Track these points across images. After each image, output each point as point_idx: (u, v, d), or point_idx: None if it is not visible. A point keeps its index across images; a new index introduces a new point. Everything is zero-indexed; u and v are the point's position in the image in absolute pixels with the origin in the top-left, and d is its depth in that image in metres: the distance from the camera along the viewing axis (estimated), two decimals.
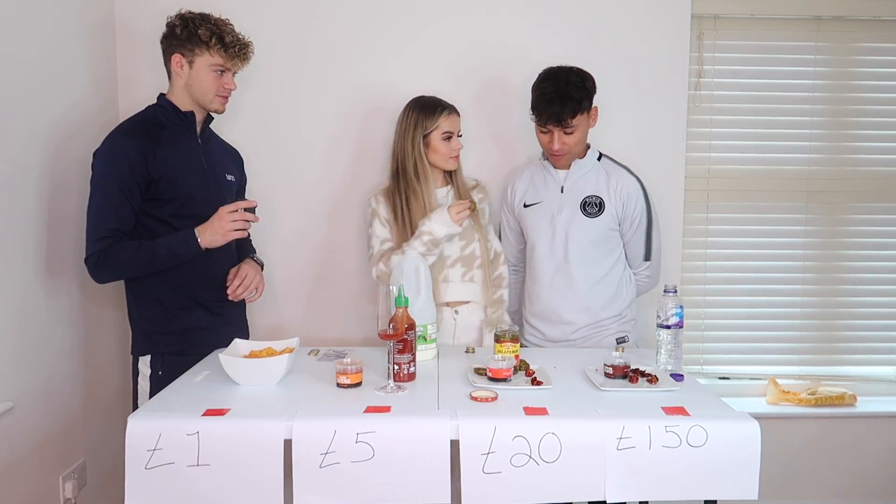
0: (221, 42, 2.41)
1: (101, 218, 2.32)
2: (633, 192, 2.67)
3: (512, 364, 2.15)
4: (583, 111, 2.58)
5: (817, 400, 3.21)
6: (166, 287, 2.43)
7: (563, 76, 2.59)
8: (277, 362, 2.11)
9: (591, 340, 2.69)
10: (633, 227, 2.69)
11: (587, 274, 2.68)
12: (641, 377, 2.13)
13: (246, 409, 1.90)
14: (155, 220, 2.39)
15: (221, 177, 2.59)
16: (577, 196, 2.68)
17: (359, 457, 1.77)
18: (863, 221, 3.27)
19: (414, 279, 2.41)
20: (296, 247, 3.07)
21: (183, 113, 2.47)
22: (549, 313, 2.74)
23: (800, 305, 3.28)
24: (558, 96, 2.55)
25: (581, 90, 2.56)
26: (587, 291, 2.68)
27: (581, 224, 2.66)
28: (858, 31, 3.16)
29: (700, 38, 3.12)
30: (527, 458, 1.78)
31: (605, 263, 2.69)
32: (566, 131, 2.59)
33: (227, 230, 2.35)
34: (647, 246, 2.72)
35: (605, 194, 2.66)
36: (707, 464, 1.80)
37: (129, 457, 1.77)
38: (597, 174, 2.70)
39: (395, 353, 2.12)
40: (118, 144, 2.35)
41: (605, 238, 2.68)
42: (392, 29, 3.00)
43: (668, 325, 2.25)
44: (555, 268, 2.71)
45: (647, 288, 2.84)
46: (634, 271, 2.77)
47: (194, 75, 2.43)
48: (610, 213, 2.66)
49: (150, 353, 2.45)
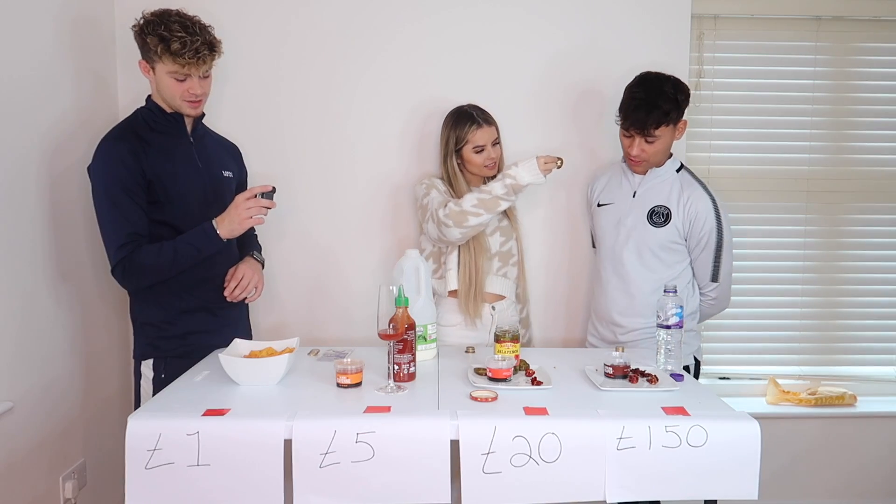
0: (168, 51, 2.28)
1: (115, 226, 2.29)
2: (703, 211, 2.60)
3: (512, 364, 2.15)
4: (668, 123, 2.54)
5: (817, 400, 3.21)
6: (168, 290, 2.41)
7: (657, 84, 2.56)
8: (277, 362, 2.11)
9: (642, 345, 2.66)
10: (699, 245, 2.63)
11: (644, 281, 2.66)
12: (641, 377, 2.14)
13: (246, 409, 1.91)
14: (157, 223, 2.36)
15: (218, 174, 2.56)
16: (647, 204, 2.66)
17: (359, 457, 1.77)
18: (863, 221, 3.27)
19: (414, 279, 2.41)
20: (297, 247, 3.07)
21: (169, 114, 2.43)
22: (604, 314, 2.75)
23: (800, 305, 3.28)
24: (646, 103, 2.52)
25: (671, 101, 2.53)
26: (642, 298, 2.66)
27: (646, 232, 2.64)
28: (858, 31, 3.16)
29: (700, 38, 3.12)
30: (527, 458, 1.78)
31: (666, 273, 2.65)
32: (647, 140, 2.56)
33: (243, 218, 2.32)
34: (714, 267, 2.65)
35: (673, 206, 2.62)
36: (707, 464, 1.80)
37: (129, 457, 1.77)
38: (671, 185, 2.66)
39: (395, 353, 2.12)
40: (110, 150, 2.32)
41: (667, 249, 2.64)
42: (398, 30, 3.00)
43: (668, 325, 2.25)
44: (613, 270, 2.71)
45: (713, 311, 2.80)
46: (701, 292, 2.72)
47: (159, 81, 2.36)
48: (675, 226, 2.62)
49: (153, 357, 2.44)
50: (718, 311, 2.83)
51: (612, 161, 2.94)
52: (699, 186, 2.66)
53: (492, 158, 2.71)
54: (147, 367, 2.44)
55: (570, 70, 2.99)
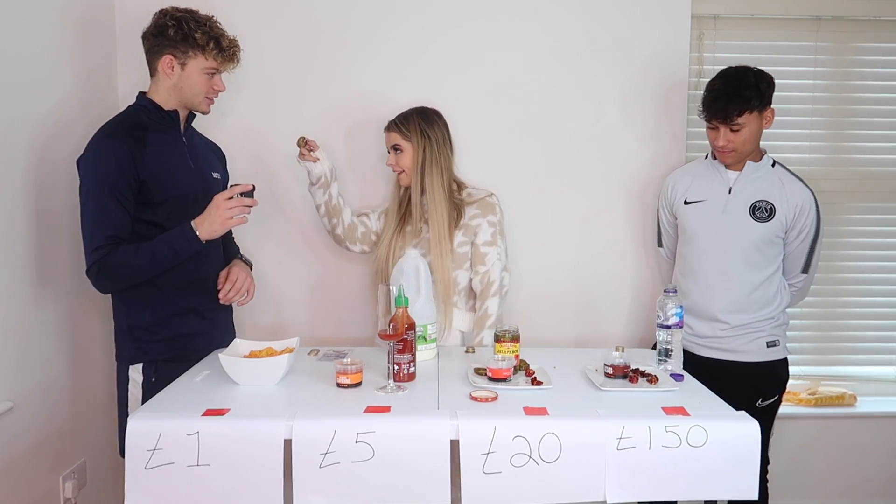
0: (218, 46, 2.35)
1: (96, 227, 2.23)
2: (807, 203, 2.61)
3: (512, 364, 2.15)
4: (751, 110, 2.54)
5: (817, 400, 3.21)
6: (157, 293, 2.36)
7: (738, 75, 2.59)
8: (277, 362, 2.11)
9: (739, 340, 2.67)
10: (799, 237, 2.64)
11: (747, 277, 2.64)
12: (641, 377, 2.14)
13: (246, 409, 1.90)
14: (146, 224, 2.31)
15: (208, 175, 2.53)
16: (747, 199, 2.65)
17: (359, 457, 1.77)
18: (863, 221, 3.27)
19: (414, 279, 2.41)
20: (297, 247, 3.07)
21: (167, 112, 2.39)
22: (702, 311, 2.72)
23: (800, 305, 3.26)
24: (726, 93, 2.54)
25: (752, 89, 2.54)
26: (746, 294, 2.65)
27: (748, 227, 2.62)
28: (858, 31, 3.16)
29: (700, 38, 3.12)
30: (527, 458, 1.78)
31: (768, 269, 2.65)
32: (732, 128, 2.56)
33: (225, 218, 2.29)
34: (808, 258, 2.67)
35: (777, 201, 2.62)
36: (707, 464, 1.80)
37: (128, 457, 1.77)
38: (770, 180, 2.66)
39: (395, 353, 2.12)
40: (104, 148, 2.26)
41: (769, 243, 2.63)
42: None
43: (668, 325, 2.25)
44: (713, 267, 2.68)
45: (795, 301, 2.81)
46: (790, 282, 2.73)
47: (186, 77, 2.36)
48: (780, 220, 2.61)
49: (143, 361, 2.38)
50: (798, 302, 2.85)
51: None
52: (798, 181, 2.67)
53: (391, 163, 2.72)
54: (136, 371, 2.38)
55: (569, 71, 2.99)
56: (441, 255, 2.62)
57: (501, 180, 2.95)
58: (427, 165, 2.66)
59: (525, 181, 3.05)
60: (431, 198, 2.66)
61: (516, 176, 3.04)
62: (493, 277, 2.67)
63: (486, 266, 2.67)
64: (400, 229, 2.75)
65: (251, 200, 2.32)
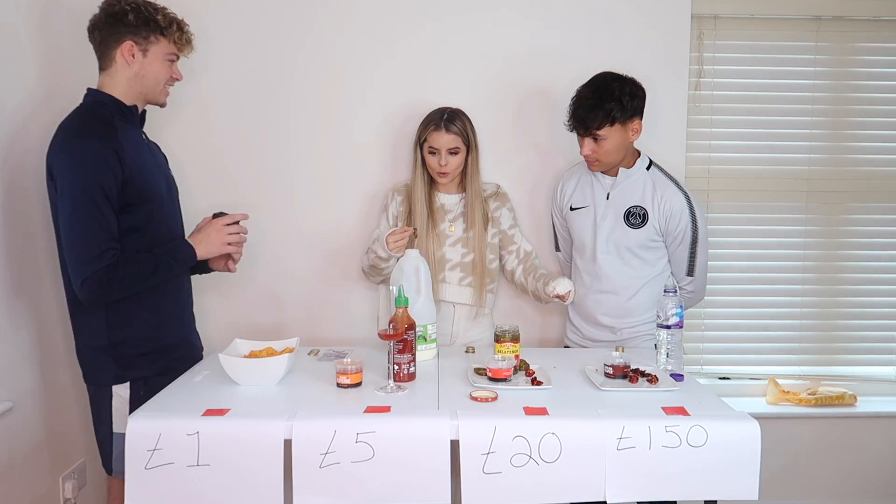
0: (180, 28, 2.26)
1: (92, 235, 2.07)
2: (678, 209, 2.60)
3: (512, 364, 2.16)
4: (612, 122, 2.52)
5: (817, 400, 3.21)
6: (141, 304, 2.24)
7: (603, 85, 2.55)
8: (277, 362, 2.12)
9: (630, 343, 2.67)
10: (675, 241, 2.64)
11: (628, 281, 2.66)
12: (641, 377, 2.14)
13: (246, 409, 1.91)
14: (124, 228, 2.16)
15: (169, 176, 2.44)
16: (622, 205, 2.65)
17: (359, 457, 1.77)
18: (863, 221, 3.26)
19: (414, 279, 2.42)
20: (296, 246, 3.06)
21: (128, 108, 2.25)
22: (589, 315, 2.74)
23: (800, 305, 3.27)
24: (588, 104, 2.53)
25: (615, 102, 2.51)
26: (627, 298, 2.66)
27: (624, 233, 2.64)
28: (858, 31, 3.15)
29: (700, 38, 3.12)
30: (527, 458, 1.78)
31: (648, 272, 2.67)
32: (595, 140, 2.56)
33: (223, 242, 2.30)
34: (690, 261, 2.67)
35: (649, 206, 2.62)
36: (707, 464, 1.80)
37: (128, 457, 1.78)
38: (643, 184, 2.65)
39: (395, 353, 2.12)
40: (86, 150, 2.09)
41: (647, 248, 2.65)
42: (386, 33, 2.99)
43: (668, 325, 2.26)
44: (595, 273, 2.70)
45: (690, 304, 2.80)
46: (679, 286, 2.68)
47: (148, 65, 2.23)
48: (653, 225, 2.62)
49: (130, 380, 2.23)
50: (694, 304, 2.85)
51: None
52: (671, 183, 2.66)
53: (442, 165, 2.70)
54: (123, 388, 2.23)
55: (569, 71, 2.99)
56: (481, 250, 2.76)
57: (501, 180, 2.96)
58: (471, 167, 2.77)
59: (525, 179, 3.06)
60: (475, 198, 2.77)
61: (517, 175, 3.04)
62: (528, 248, 2.88)
63: (517, 244, 2.86)
64: (431, 231, 2.76)
65: (245, 229, 2.36)
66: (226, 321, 3.00)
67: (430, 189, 2.80)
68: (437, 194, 2.80)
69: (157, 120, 2.57)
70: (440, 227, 2.77)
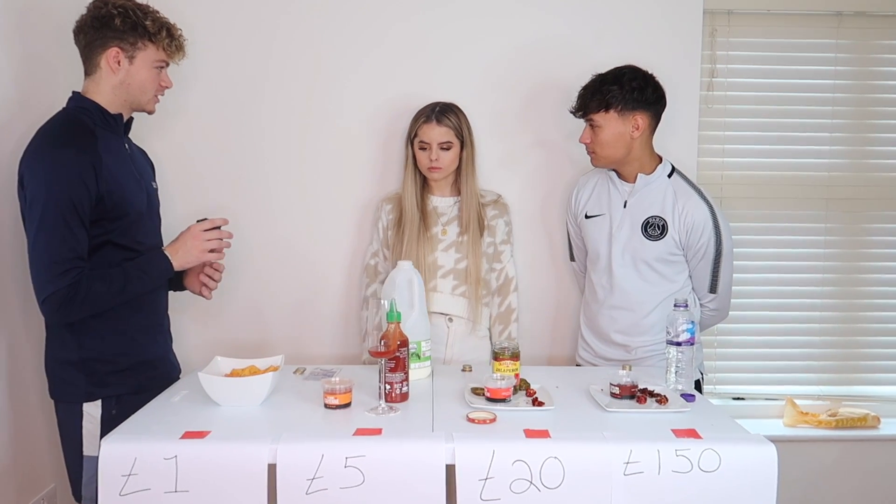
0: (170, 34, 2.28)
1: (59, 249, 2.08)
2: (700, 221, 2.59)
3: (511, 383, 2.16)
4: (607, 109, 2.56)
5: (838, 422, 3.22)
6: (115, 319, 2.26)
7: (616, 70, 2.62)
8: (261, 381, 2.12)
9: (647, 362, 2.65)
10: (697, 256, 2.63)
11: (644, 297, 2.66)
12: (650, 397, 2.14)
13: (227, 431, 1.91)
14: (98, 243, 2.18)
15: (150, 187, 2.44)
16: (640, 214, 2.65)
17: (348, 482, 1.77)
18: (886, 231, 3.27)
19: (407, 293, 2.41)
20: (280, 260, 3.06)
21: (111, 116, 2.27)
22: (602, 332, 2.75)
23: (819, 321, 3.28)
24: (591, 87, 2.60)
25: (616, 88, 2.55)
26: (643, 315, 2.66)
27: (641, 244, 2.63)
28: (882, 28, 3.17)
29: (713, 34, 3.14)
30: (527, 483, 1.78)
31: (666, 288, 2.66)
32: (592, 126, 2.61)
33: (202, 250, 2.30)
34: (713, 278, 2.65)
35: (669, 217, 2.61)
36: (720, 490, 1.80)
37: (102, 482, 1.78)
38: (664, 193, 2.65)
39: (387, 371, 2.13)
40: (59, 160, 2.11)
41: (666, 262, 2.64)
42: (380, 31, 3.01)
43: (678, 342, 2.26)
44: (611, 286, 2.70)
45: (711, 322, 2.82)
46: (700, 302, 2.72)
47: (134, 73, 2.26)
48: (672, 238, 2.61)
49: (101, 398, 2.25)
50: (717, 323, 2.87)
51: None
52: (694, 193, 2.65)
53: (433, 160, 2.72)
54: (93, 406, 2.24)
55: (577, 68, 3.00)
56: (475, 256, 2.79)
57: (501, 179, 2.99)
58: (466, 166, 2.79)
59: (530, 178, 3.08)
60: (470, 199, 2.79)
61: (517, 175, 3.06)
62: (511, 274, 2.90)
63: (503, 263, 2.89)
64: (423, 234, 2.78)
65: (228, 233, 2.35)
66: (206, 338, 3.00)
67: (422, 191, 2.82)
68: (429, 196, 2.82)
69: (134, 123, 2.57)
70: (432, 230, 2.78)
